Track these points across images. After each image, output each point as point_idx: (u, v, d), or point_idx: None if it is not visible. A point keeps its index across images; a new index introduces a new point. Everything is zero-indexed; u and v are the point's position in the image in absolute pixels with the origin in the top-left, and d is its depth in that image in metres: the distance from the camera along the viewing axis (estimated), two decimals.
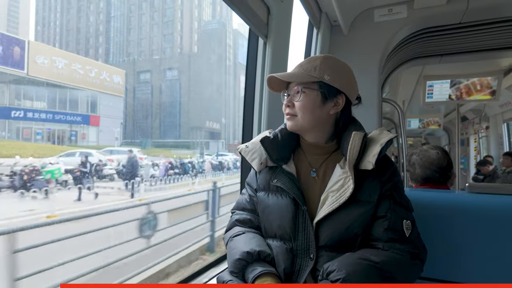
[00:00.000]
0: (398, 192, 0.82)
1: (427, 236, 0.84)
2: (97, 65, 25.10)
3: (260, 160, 0.89)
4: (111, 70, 25.88)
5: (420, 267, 0.78)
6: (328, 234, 0.78)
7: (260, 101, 1.47)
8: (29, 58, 18.54)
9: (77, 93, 22.46)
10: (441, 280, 1.06)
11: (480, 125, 6.28)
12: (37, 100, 20.97)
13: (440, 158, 1.46)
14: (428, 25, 1.98)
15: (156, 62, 39.43)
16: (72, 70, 21.62)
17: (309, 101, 0.84)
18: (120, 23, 42.21)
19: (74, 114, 22.82)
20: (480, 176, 4.68)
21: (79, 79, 22.11)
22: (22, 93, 20.12)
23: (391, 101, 2.36)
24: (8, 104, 19.25)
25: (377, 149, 0.78)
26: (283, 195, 0.85)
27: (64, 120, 22.09)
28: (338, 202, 0.77)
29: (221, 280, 0.82)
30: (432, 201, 1.11)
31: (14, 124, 19.44)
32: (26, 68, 18.47)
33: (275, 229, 0.84)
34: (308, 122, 0.85)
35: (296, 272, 0.79)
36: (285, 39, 1.51)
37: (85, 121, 23.20)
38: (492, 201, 1.07)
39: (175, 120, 37.74)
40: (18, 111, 19.57)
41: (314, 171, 0.87)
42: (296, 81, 0.86)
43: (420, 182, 1.51)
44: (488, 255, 1.02)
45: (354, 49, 1.98)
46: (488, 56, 2.59)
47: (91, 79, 23.03)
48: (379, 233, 0.78)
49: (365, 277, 0.69)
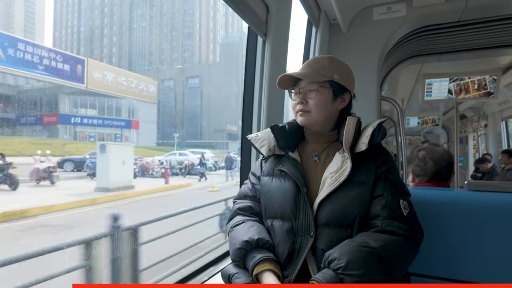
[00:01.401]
0: (392, 175, 0.88)
1: (426, 233, 0.84)
2: (136, 77, 29.38)
3: (269, 147, 0.96)
4: (147, 80, 30.45)
5: (417, 248, 0.82)
6: (328, 213, 0.83)
7: (260, 99, 1.48)
8: (88, 73, 22.33)
9: (121, 101, 26.77)
10: (440, 278, 1.07)
11: (479, 123, 6.29)
12: (90, 108, 25.24)
13: (449, 155, 1.52)
14: (427, 23, 1.98)
15: (178, 71, 45.00)
16: (118, 82, 25.84)
17: (323, 98, 0.91)
18: (142, 33, 47.42)
19: (119, 120, 27.01)
20: (478, 174, 4.69)
21: (123, 90, 26.39)
22: (79, 102, 24.36)
23: (390, 99, 2.36)
24: (69, 112, 23.40)
25: (369, 130, 0.86)
26: (286, 179, 0.91)
27: (111, 124, 26.05)
28: (338, 181, 0.84)
29: (226, 274, 0.87)
30: (431, 199, 1.12)
31: (73, 129, 23.52)
32: (86, 82, 22.21)
33: (276, 209, 0.89)
34: (321, 118, 0.92)
35: (296, 250, 0.84)
36: (284, 38, 1.51)
37: (127, 125, 27.33)
38: (491, 199, 1.07)
39: (199, 123, 43.15)
40: (76, 118, 23.53)
41: (316, 155, 0.95)
42: (309, 79, 0.91)
43: (429, 177, 1.51)
44: (487, 253, 1.02)
45: (353, 47, 1.98)
46: (486, 54, 2.60)
47: (132, 89, 27.45)
48: (377, 210, 0.82)
49: (365, 264, 0.73)
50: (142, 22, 47.76)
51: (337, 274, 0.72)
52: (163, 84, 42.87)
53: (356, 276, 0.71)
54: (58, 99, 22.31)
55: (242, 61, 32.88)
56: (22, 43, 17.85)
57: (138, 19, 48.09)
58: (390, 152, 0.92)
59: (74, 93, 22.89)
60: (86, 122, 24.25)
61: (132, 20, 48.17)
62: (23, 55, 17.63)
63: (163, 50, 47.38)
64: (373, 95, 1.92)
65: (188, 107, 43.53)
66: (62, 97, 22.50)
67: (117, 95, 25.74)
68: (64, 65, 20.58)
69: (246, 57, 1.54)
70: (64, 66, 20.57)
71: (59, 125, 22.42)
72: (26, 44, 18.06)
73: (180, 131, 40.18)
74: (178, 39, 47.28)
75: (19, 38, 20.52)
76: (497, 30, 2.05)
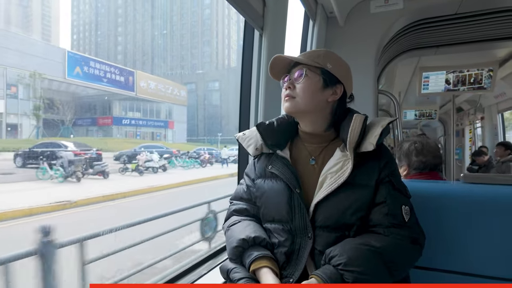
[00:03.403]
0: (395, 178, 0.84)
1: (423, 226, 0.85)
2: (171, 83, 35.06)
3: (255, 146, 0.93)
4: (179, 86, 37.03)
5: (419, 251, 0.80)
6: (325, 216, 0.80)
7: (257, 93, 1.47)
8: (137, 83, 28.15)
9: (160, 105, 32.32)
10: (437, 269, 1.08)
11: (475, 116, 6.31)
12: (136, 111, 31.13)
13: (436, 145, 1.54)
14: (424, 16, 1.98)
15: (199, 75, 50.45)
16: (158, 89, 31.45)
17: (311, 84, 0.86)
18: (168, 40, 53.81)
19: (160, 121, 32.74)
20: (475, 166, 4.71)
21: (162, 95, 31.85)
22: (128, 107, 30.20)
23: (387, 92, 2.37)
24: (120, 115, 29.17)
25: (379, 130, 0.80)
26: (278, 180, 0.88)
27: (154, 125, 31.90)
28: (337, 183, 0.79)
29: (225, 268, 0.86)
30: (428, 192, 1.12)
31: (123, 129, 29.28)
32: (136, 90, 28.01)
33: (273, 213, 0.87)
34: (306, 105, 0.87)
35: (296, 251, 0.82)
36: (281, 31, 1.50)
37: (165, 126, 32.87)
38: (487, 191, 1.08)
39: (218, 121, 48.02)
40: (126, 119, 29.39)
41: (313, 159, 0.89)
42: (301, 64, 0.88)
43: (428, 169, 1.51)
44: (484, 244, 1.03)
45: (350, 40, 1.97)
46: (483, 47, 2.60)
47: (169, 94, 33.06)
48: (379, 218, 0.79)
49: (366, 262, 0.71)
50: (164, 30, 53.66)
51: (337, 270, 0.71)
52: (187, 87, 46.89)
53: (356, 272, 0.70)
54: (112, 104, 28.28)
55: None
56: (92, 61, 24.11)
57: (160, 27, 54.12)
58: (391, 153, 0.89)
59: (124, 99, 28.57)
60: (134, 123, 30.08)
61: (154, 28, 53.87)
62: (93, 71, 23.67)
63: (183, 56, 53.14)
64: (370, 88, 1.92)
65: (210, 108, 48.82)
66: (115, 102, 28.40)
67: (157, 100, 31.31)
68: (121, 77, 26.66)
69: (243, 52, 1.53)
70: (121, 78, 26.65)
71: (113, 126, 28.35)
72: (95, 61, 24.40)
73: (203, 130, 46.70)
74: (197, 45, 52.75)
75: (91, 57, 26.72)
76: (494, 22, 2.05)
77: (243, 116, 1.52)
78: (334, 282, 0.70)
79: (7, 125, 19.69)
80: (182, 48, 52.75)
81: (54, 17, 50.58)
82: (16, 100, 20.00)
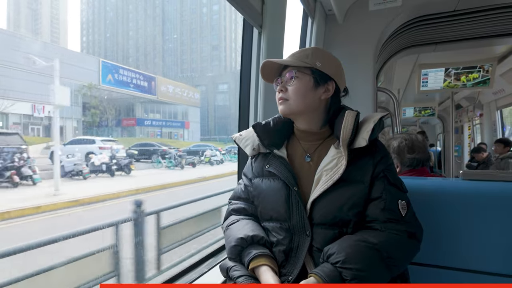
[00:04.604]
0: (391, 173, 0.84)
1: (422, 222, 0.85)
2: (186, 87, 37.56)
3: (252, 146, 0.94)
4: (194, 89, 39.36)
5: (417, 245, 0.81)
6: (322, 213, 0.81)
7: (256, 92, 1.47)
8: (157, 87, 30.75)
9: (177, 107, 35.26)
10: (435, 266, 1.09)
11: (474, 113, 6.32)
12: (156, 113, 34.20)
13: (423, 140, 1.55)
14: (422, 13, 1.98)
15: (209, 78, 53.15)
16: (175, 92, 33.92)
17: (302, 85, 0.87)
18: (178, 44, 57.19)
19: (177, 121, 35.61)
20: (474, 163, 4.72)
21: (179, 98, 34.41)
22: (149, 109, 32.99)
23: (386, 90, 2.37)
24: (142, 116, 32.01)
25: (370, 125, 0.81)
26: (275, 179, 0.89)
27: (172, 125, 34.77)
28: (332, 179, 0.80)
29: (224, 267, 0.87)
30: (427, 188, 1.13)
31: (145, 129, 31.69)
32: (157, 94, 30.64)
33: (270, 212, 0.88)
34: (300, 106, 0.88)
35: (294, 248, 0.83)
36: (280, 30, 1.50)
37: (182, 126, 35.59)
38: (486, 188, 1.08)
39: (228, 121, 50.27)
40: (147, 121, 32.18)
41: (308, 156, 0.90)
42: (290, 66, 0.89)
43: (420, 165, 1.52)
44: (482, 241, 1.04)
45: (349, 38, 1.97)
46: (482, 43, 2.60)
47: (185, 97, 35.54)
48: (376, 213, 0.79)
49: (364, 259, 0.72)
50: (174, 34, 57.13)
51: (336, 268, 0.71)
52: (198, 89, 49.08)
53: (354, 269, 0.70)
54: (134, 106, 31.31)
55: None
56: (121, 69, 26.79)
57: (170, 32, 57.58)
58: (386, 148, 0.89)
59: (146, 102, 31.22)
60: (155, 124, 32.83)
61: (165, 32, 57.39)
62: (122, 78, 26.25)
63: (193, 59, 56.50)
64: (369, 85, 1.92)
65: (220, 109, 51.78)
66: (137, 105, 31.34)
67: (175, 102, 33.98)
68: (144, 82, 29.11)
69: (242, 50, 1.52)
70: (144, 83, 29.09)
71: (136, 127, 31.04)
72: (123, 69, 27.05)
73: (214, 130, 50.46)
74: (207, 49, 55.73)
75: (120, 65, 28.73)
76: (492, 19, 2.05)
77: (242, 116, 1.52)
78: (333, 280, 0.71)
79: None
80: (192, 51, 55.86)
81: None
82: (71, 107, 21.69)
